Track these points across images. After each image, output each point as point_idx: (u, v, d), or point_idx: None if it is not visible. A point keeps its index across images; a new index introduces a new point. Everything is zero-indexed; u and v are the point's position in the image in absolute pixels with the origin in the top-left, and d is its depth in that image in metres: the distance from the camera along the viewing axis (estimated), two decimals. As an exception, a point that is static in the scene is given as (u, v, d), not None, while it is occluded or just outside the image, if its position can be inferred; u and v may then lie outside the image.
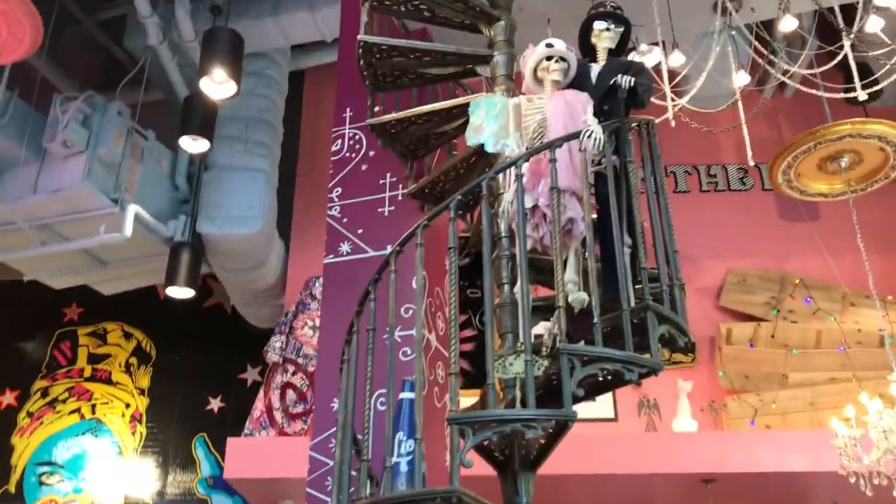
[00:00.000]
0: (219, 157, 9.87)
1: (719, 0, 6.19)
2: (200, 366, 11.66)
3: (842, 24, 5.74)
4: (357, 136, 6.22)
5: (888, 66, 5.81)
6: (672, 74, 6.72)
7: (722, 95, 7.17)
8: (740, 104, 6.18)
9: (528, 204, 4.26)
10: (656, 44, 6.50)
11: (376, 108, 5.50)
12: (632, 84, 4.36)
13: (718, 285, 10.09)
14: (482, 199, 4.14)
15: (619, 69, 4.55)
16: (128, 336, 11.93)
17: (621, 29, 4.81)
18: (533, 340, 3.96)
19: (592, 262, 3.93)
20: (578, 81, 4.71)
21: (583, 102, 4.49)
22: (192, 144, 8.76)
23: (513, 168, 4.19)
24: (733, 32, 6.27)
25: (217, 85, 7.46)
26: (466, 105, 4.81)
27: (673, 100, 6.10)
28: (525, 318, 3.87)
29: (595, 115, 4.44)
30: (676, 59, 6.20)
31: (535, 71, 4.70)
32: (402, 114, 5.33)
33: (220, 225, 9.53)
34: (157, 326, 11.92)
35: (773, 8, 6.12)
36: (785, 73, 6.07)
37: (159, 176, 9.66)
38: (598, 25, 4.78)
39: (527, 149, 4.36)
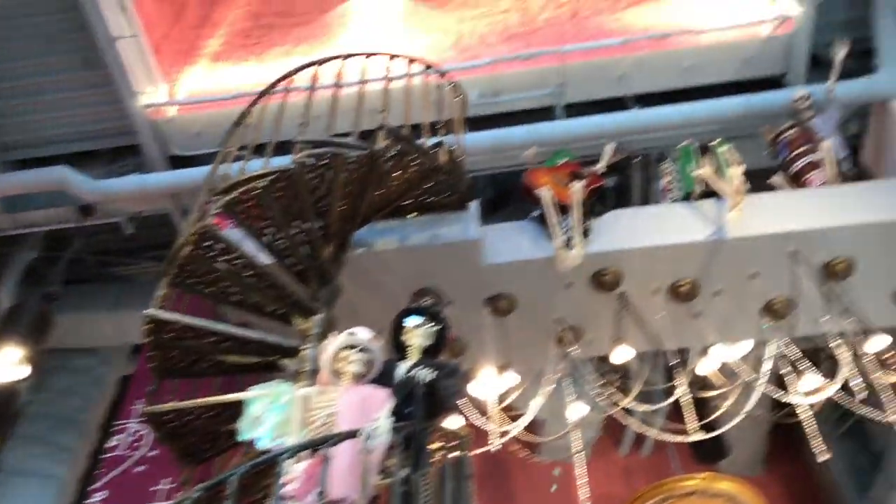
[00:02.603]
0: (11, 459, 8.55)
1: (556, 331, 5.94)
2: None
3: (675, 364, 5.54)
4: (140, 433, 5.33)
5: (721, 410, 5.54)
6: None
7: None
8: (572, 435, 5.68)
9: (297, 516, 3.41)
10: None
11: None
12: (428, 379, 3.79)
13: None
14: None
15: (429, 368, 4.01)
16: None
17: (436, 328, 4.38)
18: None
19: None
20: (383, 380, 4.13)
21: (381, 400, 3.85)
22: (-29, 439, 7.54)
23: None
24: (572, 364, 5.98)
25: (7, 366, 6.53)
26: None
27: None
28: None
29: (396, 418, 3.79)
30: (510, 379, 5.79)
31: (334, 361, 4.11)
32: (181, 404, 4.56)
33: (-8, 542, 7.93)
34: None
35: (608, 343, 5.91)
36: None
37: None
38: (411, 321, 4.34)
39: (307, 447, 3.61)
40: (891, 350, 6.08)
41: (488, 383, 5.77)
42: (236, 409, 4.56)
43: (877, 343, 5.85)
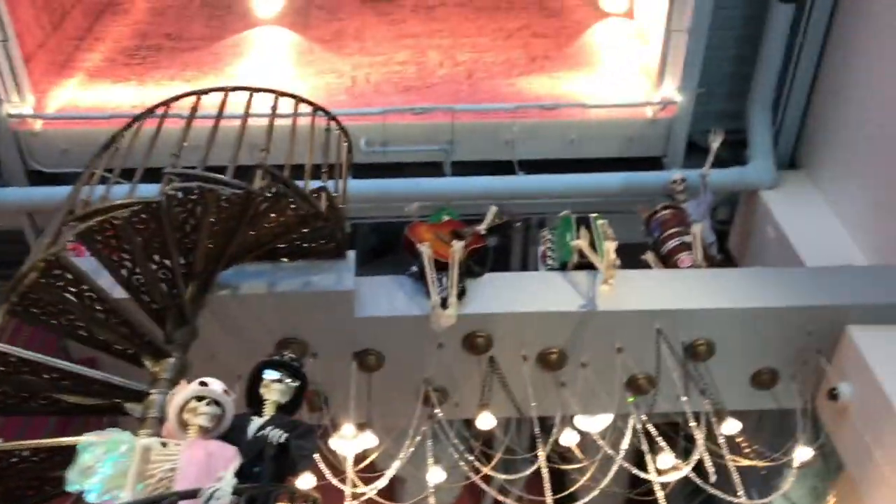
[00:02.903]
0: None
1: (423, 391, 5.83)
2: None
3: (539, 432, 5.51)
4: (-43, 472, 4.80)
5: (581, 482, 5.55)
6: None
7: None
8: (432, 500, 5.53)
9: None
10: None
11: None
12: (282, 440, 3.58)
13: None
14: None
15: (282, 426, 3.79)
16: None
17: (296, 384, 4.16)
18: None
19: None
20: (233, 435, 3.88)
21: (227, 458, 3.61)
22: None
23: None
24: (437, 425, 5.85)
25: None
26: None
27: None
28: None
29: (242, 478, 3.54)
30: (368, 440, 5.61)
31: (181, 411, 3.83)
32: (6, 445, 4.13)
33: None
34: None
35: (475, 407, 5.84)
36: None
37: None
38: (269, 375, 4.10)
39: (140, 505, 3.32)
40: (742, 435, 6.25)
41: (347, 441, 5.56)
42: (69, 454, 4.19)
43: (730, 426, 6.01)
